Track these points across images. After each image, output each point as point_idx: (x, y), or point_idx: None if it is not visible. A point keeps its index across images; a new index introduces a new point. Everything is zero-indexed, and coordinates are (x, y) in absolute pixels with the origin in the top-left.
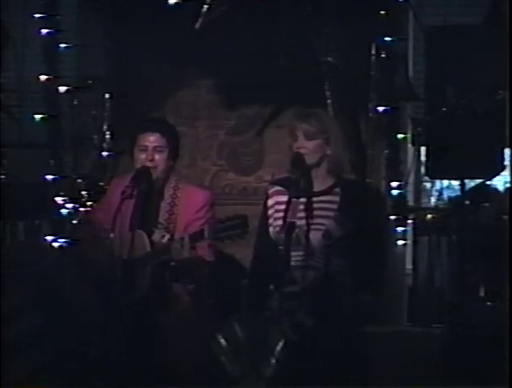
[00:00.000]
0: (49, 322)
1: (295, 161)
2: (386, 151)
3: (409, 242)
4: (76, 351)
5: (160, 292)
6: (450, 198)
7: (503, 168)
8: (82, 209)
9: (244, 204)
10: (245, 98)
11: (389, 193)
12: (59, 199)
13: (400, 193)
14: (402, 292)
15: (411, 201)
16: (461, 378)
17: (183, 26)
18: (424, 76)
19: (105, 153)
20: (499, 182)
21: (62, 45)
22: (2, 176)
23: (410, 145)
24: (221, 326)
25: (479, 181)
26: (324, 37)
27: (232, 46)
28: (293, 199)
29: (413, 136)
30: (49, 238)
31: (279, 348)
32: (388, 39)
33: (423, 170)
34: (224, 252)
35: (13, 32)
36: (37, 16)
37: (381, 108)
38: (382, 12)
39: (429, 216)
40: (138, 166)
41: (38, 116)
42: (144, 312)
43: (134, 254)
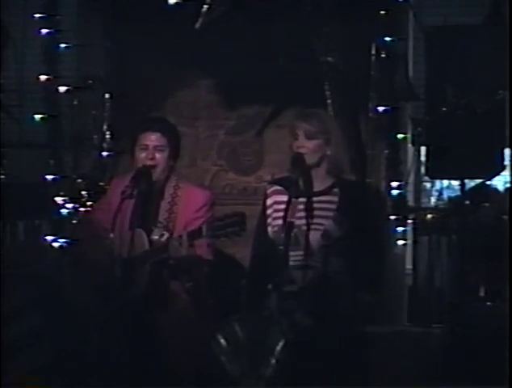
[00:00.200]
0: (49, 322)
1: (295, 160)
2: (386, 151)
3: (409, 242)
4: (76, 351)
5: (158, 290)
6: (450, 198)
7: (503, 168)
8: (82, 209)
9: (244, 204)
10: (245, 98)
11: (389, 193)
12: (59, 199)
13: (400, 193)
14: (402, 292)
15: (411, 201)
16: (461, 378)
17: (183, 26)
18: (424, 76)
19: (105, 153)
20: (499, 182)
21: (62, 45)
22: (2, 176)
23: (410, 145)
24: (221, 325)
25: (479, 181)
26: (324, 37)
27: (232, 46)
28: (292, 198)
29: (413, 136)
30: (49, 238)
31: (279, 348)
32: (388, 39)
33: (423, 170)
34: (223, 252)
35: (13, 32)
36: (37, 16)
37: (381, 108)
38: (382, 12)
39: (429, 216)
40: (139, 165)
41: (38, 116)
42: (142, 311)
43: (133, 252)
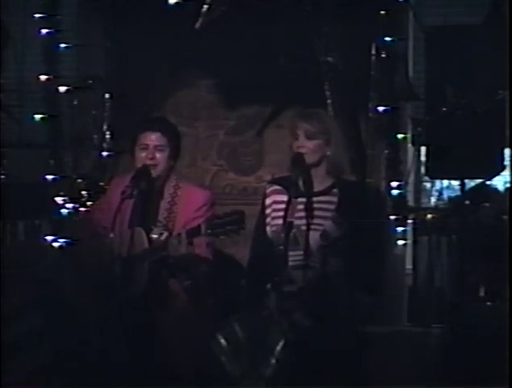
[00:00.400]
0: (49, 322)
1: (295, 160)
2: (386, 151)
3: (409, 242)
4: (76, 351)
5: (158, 289)
6: (450, 198)
7: (503, 168)
8: (82, 209)
9: (244, 204)
10: (245, 98)
11: (389, 193)
12: (59, 199)
13: (400, 193)
14: (402, 292)
15: (411, 201)
16: (461, 378)
17: (183, 26)
18: (424, 76)
19: (105, 153)
20: (499, 182)
21: (62, 45)
22: (2, 176)
23: (410, 145)
24: (221, 325)
25: (479, 181)
26: (324, 37)
27: (232, 46)
28: (292, 198)
29: (413, 136)
30: (49, 238)
31: (279, 348)
32: (388, 39)
33: (423, 170)
34: (223, 251)
35: (13, 32)
36: (37, 16)
37: (381, 108)
38: (382, 12)
39: (429, 216)
40: (139, 165)
41: (38, 116)
42: (141, 310)
43: (133, 251)
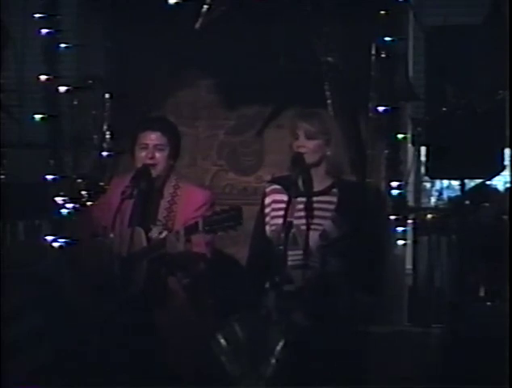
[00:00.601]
0: (49, 322)
1: (295, 160)
2: (386, 151)
3: (409, 242)
4: (76, 351)
5: (156, 287)
6: (450, 198)
7: (503, 168)
8: (82, 209)
9: (244, 203)
10: (245, 98)
11: (389, 193)
12: (59, 199)
13: (400, 193)
14: (402, 292)
15: (411, 201)
16: (461, 378)
17: (183, 26)
18: (424, 76)
19: (105, 153)
20: (499, 182)
21: (62, 45)
22: (2, 176)
23: (410, 145)
24: (220, 325)
25: (479, 181)
26: (324, 37)
27: (232, 46)
28: (291, 198)
29: (413, 136)
30: (49, 238)
31: (279, 348)
32: (388, 39)
33: (423, 170)
34: (222, 251)
35: (13, 32)
36: (37, 16)
37: (381, 108)
38: (382, 12)
39: (429, 216)
40: (139, 164)
41: (38, 116)
42: (141, 310)
43: (132, 251)
